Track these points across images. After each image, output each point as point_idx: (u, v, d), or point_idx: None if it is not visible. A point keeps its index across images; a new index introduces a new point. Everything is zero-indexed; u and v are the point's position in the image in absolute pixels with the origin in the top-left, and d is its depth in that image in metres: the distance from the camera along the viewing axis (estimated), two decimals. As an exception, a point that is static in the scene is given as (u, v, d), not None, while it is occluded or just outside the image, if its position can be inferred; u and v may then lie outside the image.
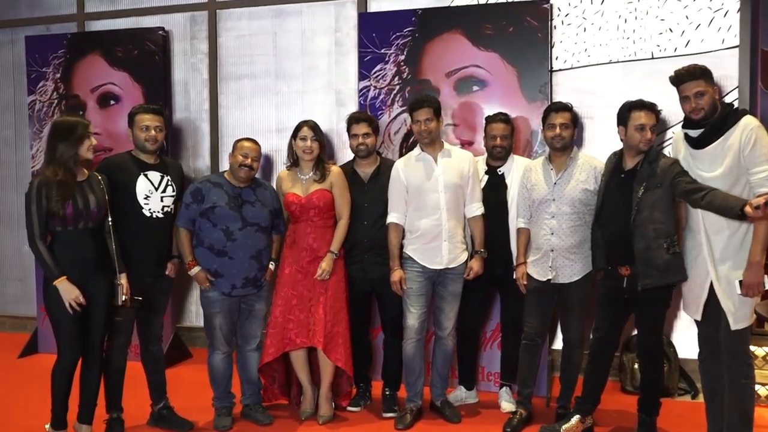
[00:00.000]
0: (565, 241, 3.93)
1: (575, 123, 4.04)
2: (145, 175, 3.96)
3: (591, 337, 3.92)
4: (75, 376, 3.68)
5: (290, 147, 4.31)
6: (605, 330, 3.85)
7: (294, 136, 4.27)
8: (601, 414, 4.12)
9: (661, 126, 4.55)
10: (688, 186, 3.45)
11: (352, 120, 4.36)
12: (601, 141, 4.58)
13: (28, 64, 5.84)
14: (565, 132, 3.94)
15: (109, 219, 3.71)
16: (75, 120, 3.66)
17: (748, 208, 3.12)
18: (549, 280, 3.99)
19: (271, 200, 4.21)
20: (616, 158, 3.82)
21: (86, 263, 3.61)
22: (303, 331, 4.16)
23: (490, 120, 4.40)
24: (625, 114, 3.71)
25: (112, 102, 5.66)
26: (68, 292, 3.51)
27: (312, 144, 4.20)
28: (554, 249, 3.95)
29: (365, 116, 4.38)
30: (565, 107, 4.01)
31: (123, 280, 3.72)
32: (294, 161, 4.32)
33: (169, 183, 4.03)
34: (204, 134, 5.72)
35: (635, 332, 4.36)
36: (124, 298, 3.70)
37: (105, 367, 3.91)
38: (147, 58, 5.57)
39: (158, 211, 3.97)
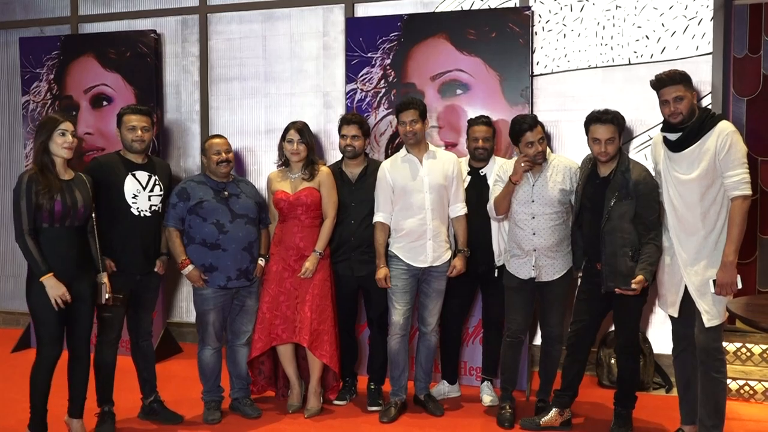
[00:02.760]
0: (547, 240, 3.90)
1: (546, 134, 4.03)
2: (133, 175, 3.91)
3: (569, 330, 3.90)
4: (56, 374, 3.58)
5: (280, 148, 4.26)
6: (583, 323, 3.84)
7: (283, 137, 4.23)
8: (578, 406, 4.12)
9: (640, 128, 4.55)
10: (643, 225, 3.55)
11: (344, 121, 4.32)
12: (582, 143, 4.53)
13: (22, 65, 5.75)
14: (541, 146, 3.89)
15: (93, 218, 3.64)
16: (49, 116, 3.59)
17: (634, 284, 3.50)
18: (532, 278, 3.96)
19: (255, 193, 4.20)
20: (591, 164, 3.79)
21: (71, 261, 3.53)
22: (289, 327, 4.13)
23: (472, 123, 4.37)
24: (585, 125, 3.70)
25: (104, 103, 5.58)
26: (55, 288, 3.43)
27: (298, 146, 4.15)
28: (537, 249, 3.92)
29: (357, 119, 4.33)
30: (536, 122, 3.93)
31: (105, 279, 3.66)
32: (284, 161, 4.27)
33: (157, 182, 3.99)
34: (194, 135, 5.66)
35: (612, 328, 4.35)
36: (107, 296, 3.64)
37: (96, 362, 3.87)
38: (139, 60, 5.50)
39: (146, 210, 3.92)
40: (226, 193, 4.06)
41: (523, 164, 3.82)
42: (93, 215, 3.64)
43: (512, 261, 4.02)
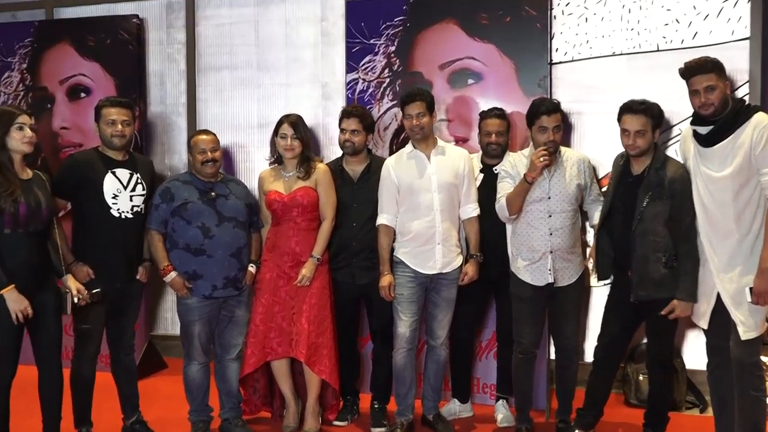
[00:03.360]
0: (565, 241, 3.93)
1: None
2: (113, 173, 3.94)
3: (597, 344, 3.92)
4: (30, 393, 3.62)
5: (272, 144, 4.29)
6: (612, 337, 3.86)
7: (275, 132, 4.25)
8: (603, 427, 4.13)
9: (669, 122, 4.56)
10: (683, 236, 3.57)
11: (343, 114, 4.35)
12: (604, 137, 4.57)
13: (-8, 54, 5.80)
14: (557, 136, 3.92)
15: (54, 221, 3.65)
16: (3, 109, 3.56)
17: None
18: (549, 284, 3.96)
19: (246, 194, 4.22)
20: (624, 161, 3.81)
21: (33, 270, 3.51)
22: (285, 340, 4.15)
23: (484, 115, 4.39)
24: (618, 116, 3.74)
25: (82, 94, 5.62)
26: (16, 302, 3.39)
27: (292, 142, 4.17)
28: (554, 250, 3.93)
29: (358, 111, 4.35)
30: (557, 108, 3.97)
31: (70, 281, 3.63)
32: (277, 158, 4.30)
33: (139, 181, 4.01)
34: (180, 129, 5.68)
35: (641, 341, 4.37)
36: (76, 300, 3.61)
37: (72, 378, 3.90)
38: (120, 47, 5.53)
39: (127, 212, 3.94)
40: (213, 193, 4.08)
41: (541, 159, 3.82)
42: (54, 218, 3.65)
43: (524, 268, 4.00)
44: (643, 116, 3.64)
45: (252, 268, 4.19)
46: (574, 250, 3.99)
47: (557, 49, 4.86)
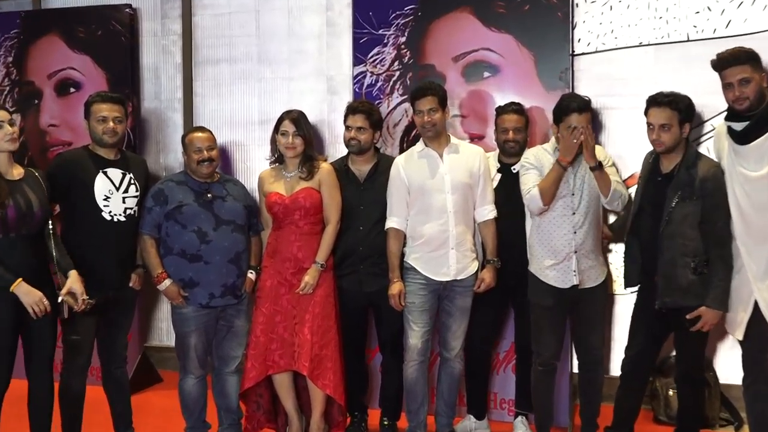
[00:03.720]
0: (589, 240, 3.93)
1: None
2: (104, 173, 3.94)
3: (624, 356, 3.90)
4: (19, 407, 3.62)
5: (273, 142, 4.29)
6: (639, 348, 3.85)
7: (276, 129, 4.24)
8: (631, 446, 4.10)
9: (701, 117, 4.52)
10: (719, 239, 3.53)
11: (349, 110, 4.34)
12: (630, 134, 4.54)
13: (-25, 47, 5.83)
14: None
15: (50, 223, 3.66)
16: None
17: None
18: (574, 286, 3.94)
19: (244, 195, 4.23)
20: (653, 159, 3.79)
21: (28, 274, 3.52)
22: (287, 352, 4.13)
23: (501, 111, 4.38)
24: (645, 110, 3.72)
25: (72, 89, 5.63)
26: (29, 295, 3.44)
27: (294, 140, 4.17)
28: (578, 249, 3.92)
29: (364, 107, 4.34)
30: (589, 107, 3.94)
31: (72, 280, 3.61)
32: (278, 157, 4.30)
33: (132, 181, 4.02)
34: (176, 126, 5.68)
35: (671, 353, 4.34)
36: (77, 305, 3.61)
37: (61, 393, 3.89)
38: (112, 39, 5.54)
39: (120, 214, 3.94)
40: (209, 195, 4.08)
41: (575, 140, 3.78)
42: (50, 219, 3.66)
43: (546, 270, 3.99)
44: (668, 109, 3.62)
45: (252, 275, 4.19)
46: (598, 249, 4.00)
47: (579, 40, 4.84)
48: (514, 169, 4.29)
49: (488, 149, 4.45)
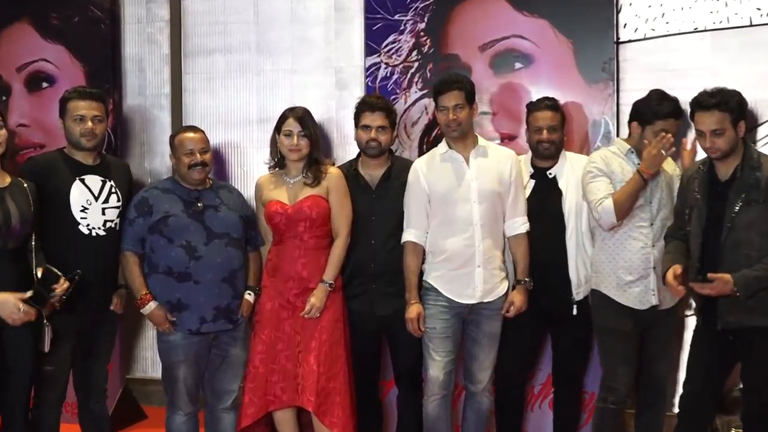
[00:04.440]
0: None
1: None
2: (82, 181, 3.97)
3: (682, 392, 3.91)
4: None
5: (273, 143, 4.29)
6: (698, 382, 3.82)
7: (278, 129, 4.25)
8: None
9: (765, 112, 4.50)
10: None
11: (365, 106, 4.33)
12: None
13: (-62, 36, 5.87)
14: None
15: (33, 237, 3.67)
16: None
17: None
18: (653, 307, 3.97)
19: (240, 204, 4.25)
20: (707, 166, 3.77)
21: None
22: (290, 385, 4.13)
23: (532, 107, 4.38)
24: (690, 115, 3.73)
25: (44, 84, 5.68)
26: (2, 304, 3.42)
27: (299, 141, 4.17)
28: (656, 266, 3.93)
29: (383, 103, 4.35)
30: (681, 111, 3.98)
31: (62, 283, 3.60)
32: (279, 161, 4.30)
33: (113, 190, 4.04)
34: (163, 126, 5.69)
35: (735, 386, 4.30)
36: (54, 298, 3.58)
37: (33, 430, 3.88)
38: (90, 27, 5.58)
39: (99, 227, 3.97)
40: (200, 204, 4.09)
41: (664, 151, 3.80)
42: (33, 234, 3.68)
43: (624, 289, 3.99)
44: (717, 111, 3.60)
45: (249, 297, 4.19)
46: None
47: (625, 25, 4.82)
48: (550, 173, 4.28)
49: (521, 151, 4.45)
